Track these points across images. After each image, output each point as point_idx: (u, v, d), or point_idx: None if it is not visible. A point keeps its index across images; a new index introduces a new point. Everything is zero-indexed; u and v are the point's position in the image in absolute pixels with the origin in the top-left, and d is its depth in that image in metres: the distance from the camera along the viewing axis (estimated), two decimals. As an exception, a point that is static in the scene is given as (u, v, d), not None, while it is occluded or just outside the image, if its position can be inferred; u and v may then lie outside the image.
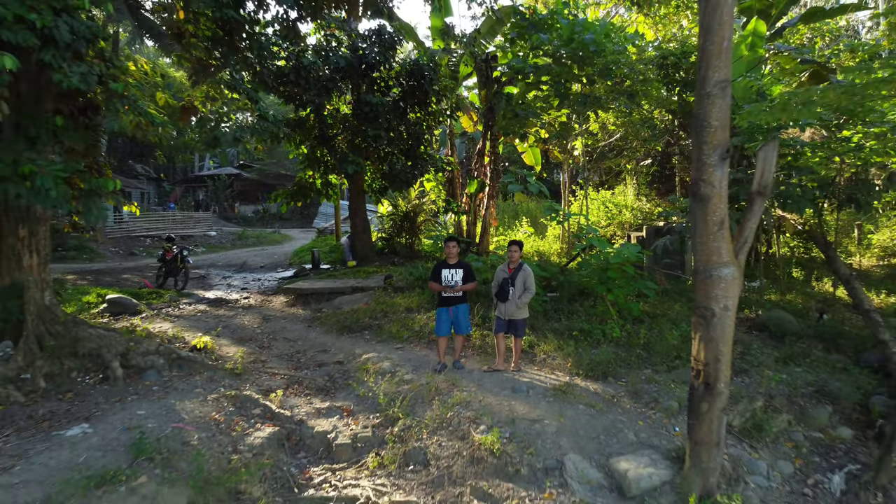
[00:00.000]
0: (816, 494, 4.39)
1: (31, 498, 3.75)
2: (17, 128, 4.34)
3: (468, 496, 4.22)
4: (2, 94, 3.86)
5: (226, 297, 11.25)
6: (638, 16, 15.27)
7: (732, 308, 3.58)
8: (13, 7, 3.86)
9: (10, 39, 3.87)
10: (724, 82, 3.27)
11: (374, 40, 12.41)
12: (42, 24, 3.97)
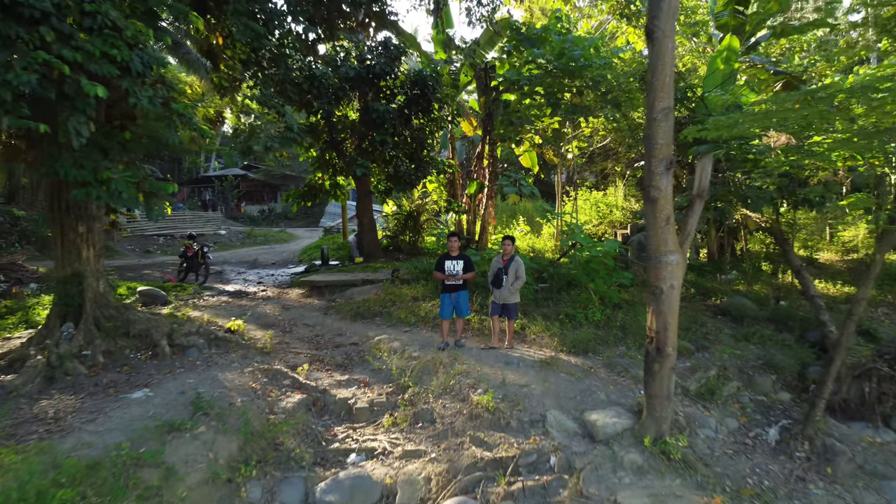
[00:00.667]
0: (755, 444, 5.29)
1: (117, 440, 4.65)
2: (95, 142, 5.23)
3: (468, 444, 5.12)
4: (91, 116, 4.75)
5: (245, 290, 12.16)
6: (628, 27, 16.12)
7: (677, 287, 4.48)
8: (99, 45, 4.75)
9: (98, 71, 4.76)
10: (667, 109, 4.17)
11: (381, 52, 13.29)
12: (121, 58, 4.87)
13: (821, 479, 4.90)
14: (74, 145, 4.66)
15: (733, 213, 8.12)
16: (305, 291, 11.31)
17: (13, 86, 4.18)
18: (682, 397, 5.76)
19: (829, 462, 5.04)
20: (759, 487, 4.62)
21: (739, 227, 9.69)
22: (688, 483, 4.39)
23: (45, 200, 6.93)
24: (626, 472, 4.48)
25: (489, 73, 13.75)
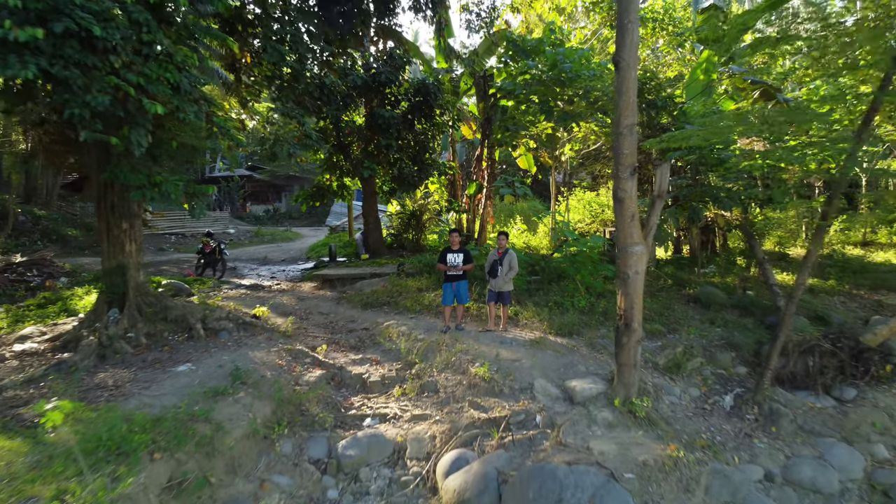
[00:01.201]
0: (713, 409, 6.16)
1: (173, 402, 5.51)
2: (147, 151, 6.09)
3: (467, 408, 5.99)
4: (149, 130, 5.60)
5: (260, 284, 13.02)
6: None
7: (641, 272, 5.34)
8: (156, 69, 5.61)
9: (154, 91, 5.62)
10: (631, 125, 5.03)
11: (386, 61, 14.14)
12: (173, 80, 5.73)
13: (766, 436, 5.77)
14: (136, 154, 5.53)
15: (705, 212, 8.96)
16: (318, 284, 12.18)
17: (91, 106, 5.05)
18: (652, 370, 6.62)
19: (773, 422, 5.91)
20: (711, 441, 5.49)
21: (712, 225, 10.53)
22: (650, 435, 5.26)
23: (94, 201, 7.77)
24: (599, 426, 5.35)
25: (487, 80, 14.60)
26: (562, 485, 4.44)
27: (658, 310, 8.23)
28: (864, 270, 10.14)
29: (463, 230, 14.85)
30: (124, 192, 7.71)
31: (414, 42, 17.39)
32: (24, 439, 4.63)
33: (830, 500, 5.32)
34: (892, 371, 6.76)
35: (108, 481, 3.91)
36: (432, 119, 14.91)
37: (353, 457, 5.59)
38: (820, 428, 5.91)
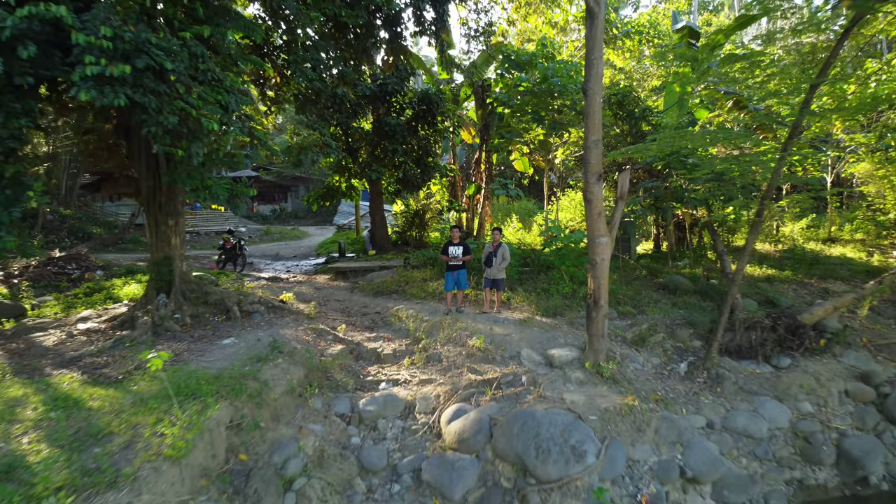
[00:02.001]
0: (670, 374, 7.35)
1: (225, 365, 6.69)
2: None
3: (465, 372, 7.18)
4: (205, 143, 6.77)
5: (279, 276, 14.21)
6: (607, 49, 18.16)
7: (607, 259, 6.53)
8: (210, 93, 6.79)
9: (208, 111, 6.79)
10: (597, 140, 6.21)
11: (393, 72, 15.31)
12: (223, 101, 6.91)
13: (711, 394, 6.97)
14: (195, 163, 6.72)
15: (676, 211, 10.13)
16: (332, 276, 13.38)
17: (163, 125, 6.24)
18: (622, 343, 7.82)
19: (718, 384, 7.11)
20: (665, 396, 6.68)
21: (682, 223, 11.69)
22: (613, 390, 6.45)
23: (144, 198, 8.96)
24: (572, 384, 6.54)
25: (485, 90, 15.78)
26: (539, 423, 5.64)
27: (631, 295, 9.42)
28: (817, 262, 11.32)
29: (463, 227, 16.02)
30: (171, 193, 8.92)
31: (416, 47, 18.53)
32: (116, 389, 5.84)
33: (760, 443, 6.53)
34: (825, 345, 7.97)
35: (193, 413, 5.10)
36: (434, 125, 16.08)
37: (371, 412, 6.78)
38: (757, 388, 7.11)
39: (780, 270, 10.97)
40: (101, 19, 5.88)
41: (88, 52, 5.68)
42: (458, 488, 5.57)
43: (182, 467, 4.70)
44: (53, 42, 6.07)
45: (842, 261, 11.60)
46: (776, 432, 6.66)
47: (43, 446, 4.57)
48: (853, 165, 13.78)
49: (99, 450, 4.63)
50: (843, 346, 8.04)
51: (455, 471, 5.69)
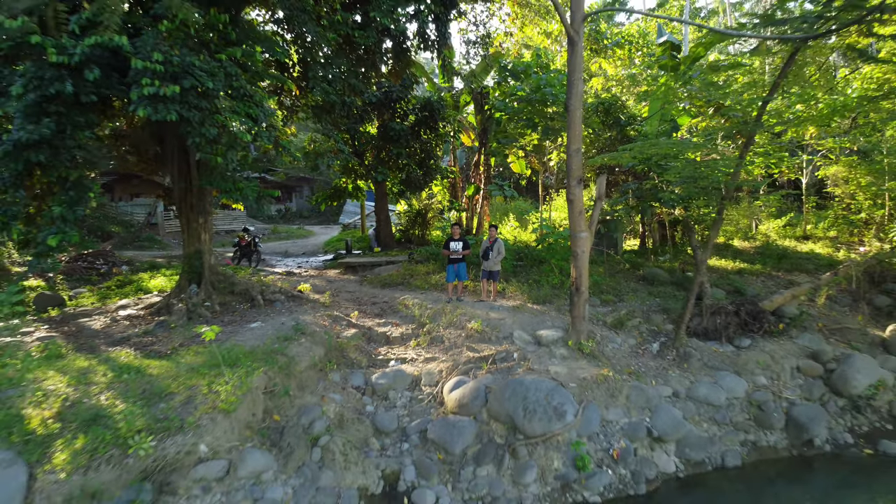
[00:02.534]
0: (643, 352, 8.33)
1: (257, 343, 7.67)
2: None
3: (465, 351, 8.16)
4: (239, 151, 7.75)
5: (292, 271, 15.20)
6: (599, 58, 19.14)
7: (587, 251, 7.51)
8: (243, 107, 7.78)
9: (241, 122, 7.78)
10: (578, 149, 7.18)
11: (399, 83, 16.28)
12: (254, 114, 7.90)
13: (678, 370, 7.95)
14: (230, 168, 7.71)
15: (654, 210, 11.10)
16: (341, 270, 14.37)
17: (205, 136, 7.22)
18: (602, 326, 8.81)
19: (685, 361, 8.09)
20: (637, 370, 7.67)
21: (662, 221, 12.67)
22: (591, 364, 7.44)
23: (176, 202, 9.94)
24: (556, 358, 7.53)
25: (484, 96, 16.76)
26: (527, 389, 6.63)
27: (613, 286, 10.40)
28: (786, 257, 12.29)
29: (463, 225, 17.01)
30: (201, 194, 9.91)
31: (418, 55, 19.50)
32: (168, 361, 6.83)
33: (719, 410, 7.52)
34: (783, 328, 8.96)
35: (241, 376, 6.10)
36: (436, 130, 17.05)
37: (383, 384, 7.76)
38: (719, 365, 8.10)
39: (751, 264, 11.95)
40: (151, 45, 6.87)
41: (144, 75, 6.67)
42: (459, 444, 6.56)
43: (232, 419, 5.70)
44: (111, 65, 7.06)
45: (810, 255, 12.58)
46: (734, 401, 7.65)
47: (118, 402, 5.56)
48: (826, 168, 14.76)
49: (164, 405, 5.63)
50: (799, 330, 9.03)
51: (456, 430, 6.68)
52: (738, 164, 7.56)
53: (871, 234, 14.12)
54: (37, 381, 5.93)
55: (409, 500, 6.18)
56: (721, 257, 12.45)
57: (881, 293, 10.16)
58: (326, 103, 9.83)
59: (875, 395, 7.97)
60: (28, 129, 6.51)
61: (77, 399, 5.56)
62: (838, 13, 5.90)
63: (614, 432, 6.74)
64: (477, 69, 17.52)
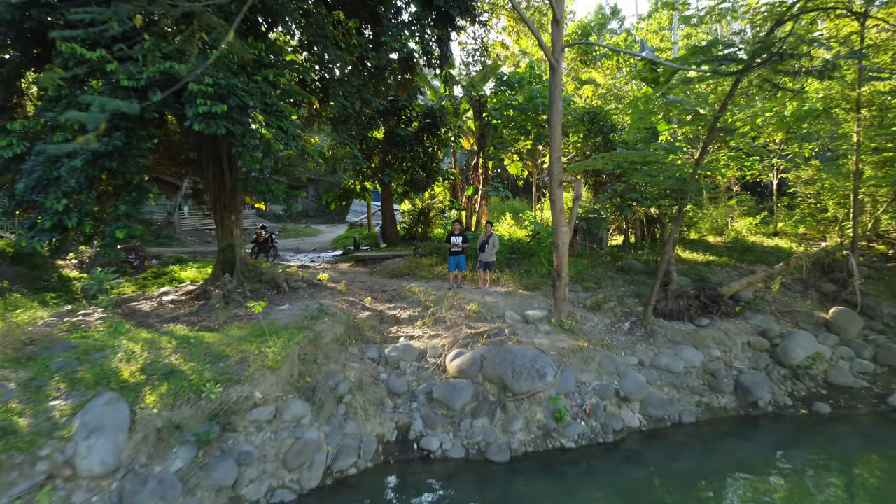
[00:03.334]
0: (616, 330, 9.66)
1: (287, 321, 9.00)
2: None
3: (464, 328, 9.49)
4: (273, 158, 9.06)
5: (306, 265, 16.53)
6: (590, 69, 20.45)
7: (566, 243, 8.84)
8: (276, 122, 9.09)
9: (273, 135, 9.10)
10: (558, 157, 8.50)
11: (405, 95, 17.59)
12: (285, 127, 9.22)
13: (645, 344, 9.28)
14: (266, 174, 9.03)
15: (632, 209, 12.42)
16: (352, 264, 15.70)
17: (247, 147, 8.55)
18: (582, 308, 10.14)
19: (651, 337, 9.42)
20: (609, 344, 9.00)
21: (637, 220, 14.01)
22: (570, 337, 8.77)
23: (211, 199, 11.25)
24: (540, 333, 8.87)
25: (482, 105, 18.09)
26: (515, 355, 7.97)
27: (594, 275, 11.74)
28: (750, 251, 13.62)
29: (462, 222, 18.34)
30: (233, 194, 11.23)
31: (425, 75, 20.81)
32: (219, 333, 8.17)
33: (678, 376, 8.85)
34: (739, 310, 10.28)
35: (284, 341, 7.44)
36: (438, 136, 18.39)
37: (394, 356, 9.08)
38: (680, 340, 9.43)
39: (719, 257, 13.28)
40: (202, 71, 8.19)
41: (198, 96, 7.99)
42: (458, 402, 7.89)
43: (277, 376, 7.04)
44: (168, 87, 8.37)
45: (773, 249, 13.90)
46: (691, 370, 8.99)
47: (186, 361, 6.90)
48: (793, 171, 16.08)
49: (222, 364, 6.96)
50: (753, 312, 10.36)
51: (456, 391, 8.01)
52: (694, 171, 8.88)
53: (836, 230, 15.45)
54: (116, 348, 7.26)
55: (419, 445, 7.52)
56: (693, 251, 13.79)
57: (829, 281, 11.49)
58: (342, 115, 11.15)
59: (812, 365, 9.31)
60: (104, 142, 7.84)
61: (153, 359, 6.90)
62: (752, 57, 7.26)
63: (587, 392, 8.08)
64: (475, 78, 18.82)
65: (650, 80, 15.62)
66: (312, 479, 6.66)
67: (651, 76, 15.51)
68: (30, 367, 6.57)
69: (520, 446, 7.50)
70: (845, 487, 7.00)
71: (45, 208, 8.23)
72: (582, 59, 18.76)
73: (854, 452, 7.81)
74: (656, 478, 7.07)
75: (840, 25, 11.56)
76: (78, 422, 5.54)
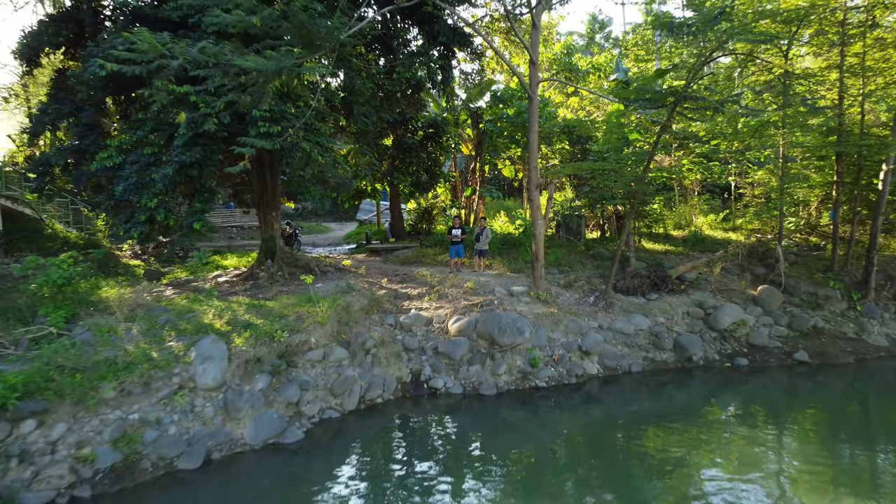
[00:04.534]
0: (583, 302, 12.00)
1: (324, 294, 11.33)
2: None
3: (462, 301, 11.83)
4: (314, 169, 11.37)
5: (327, 256, 18.88)
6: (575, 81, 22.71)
7: (542, 233, 11.18)
8: (315, 138, 11.41)
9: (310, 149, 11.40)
10: (535, 166, 10.83)
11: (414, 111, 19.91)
12: (322, 142, 11.53)
13: (605, 313, 11.63)
14: (306, 178, 11.36)
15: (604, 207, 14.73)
16: (367, 254, 18.05)
17: (294, 159, 10.88)
18: (557, 287, 12.48)
19: (610, 308, 11.76)
20: (576, 311, 11.35)
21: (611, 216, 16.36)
22: (544, 307, 11.12)
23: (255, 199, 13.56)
24: (522, 303, 11.22)
25: (478, 116, 20.40)
26: (500, 318, 10.32)
27: (569, 260, 14.09)
28: (703, 242, 15.97)
29: (462, 219, 20.68)
30: (274, 195, 13.56)
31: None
32: (274, 301, 10.50)
33: (629, 336, 11.19)
34: (684, 288, 12.62)
35: (328, 304, 9.79)
36: (440, 143, 20.70)
37: (407, 323, 11.41)
38: (633, 310, 11.78)
39: (676, 247, 15.63)
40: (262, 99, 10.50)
41: (259, 119, 10.32)
42: (458, 353, 10.23)
43: (324, 329, 9.39)
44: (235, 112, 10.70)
45: (724, 241, 16.24)
46: (640, 331, 11.33)
47: (257, 318, 9.24)
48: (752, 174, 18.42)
49: (283, 321, 9.31)
50: (695, 289, 12.70)
51: (456, 345, 10.35)
52: (640, 178, 11.21)
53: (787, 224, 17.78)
54: (203, 310, 9.61)
55: (428, 385, 9.88)
56: (656, 242, 16.15)
57: (761, 266, 13.84)
58: (363, 130, 13.50)
59: (736, 329, 11.66)
60: (188, 154, 10.18)
61: (233, 317, 9.24)
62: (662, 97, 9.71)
63: (556, 345, 10.43)
64: (472, 93, 21.15)
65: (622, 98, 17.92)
66: (351, 403, 9.01)
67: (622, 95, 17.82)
68: (144, 322, 8.94)
69: (504, 385, 9.85)
70: (758, 416, 9.38)
71: (139, 206, 10.59)
72: (566, 76, 21.05)
73: (764, 394, 10.15)
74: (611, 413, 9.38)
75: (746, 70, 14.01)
76: (194, 353, 7.90)
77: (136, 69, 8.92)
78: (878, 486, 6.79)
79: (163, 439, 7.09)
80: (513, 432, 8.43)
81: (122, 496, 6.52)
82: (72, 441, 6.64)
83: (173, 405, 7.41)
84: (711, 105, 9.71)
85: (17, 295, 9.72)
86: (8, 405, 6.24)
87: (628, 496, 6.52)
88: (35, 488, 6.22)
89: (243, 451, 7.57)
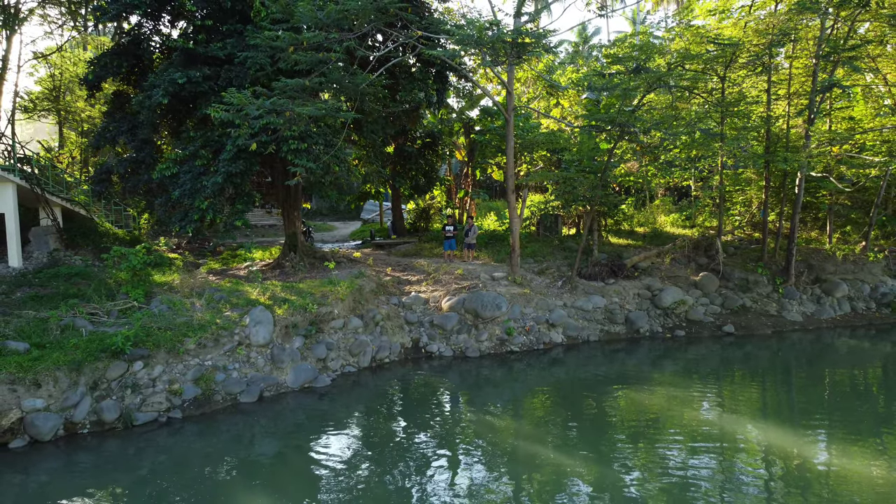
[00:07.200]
0: (552, 286, 14.37)
1: (342, 279, 13.67)
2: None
3: (453, 285, 14.19)
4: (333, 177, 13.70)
5: (336, 251, 21.22)
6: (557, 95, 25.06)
7: (518, 228, 13.54)
8: (337, 153, 13.74)
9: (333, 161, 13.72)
10: (512, 174, 13.16)
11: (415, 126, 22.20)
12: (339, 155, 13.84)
13: (570, 294, 14.00)
14: (327, 183, 13.68)
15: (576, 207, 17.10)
16: (373, 248, 20.41)
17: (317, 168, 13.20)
18: (532, 273, 14.85)
19: (575, 290, 14.14)
20: (546, 293, 13.72)
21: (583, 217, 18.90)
22: (520, 289, 13.49)
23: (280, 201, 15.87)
24: (501, 286, 13.59)
25: (470, 126, 22.71)
26: (484, 297, 12.69)
27: (544, 252, 16.45)
28: (659, 237, 18.35)
29: (455, 217, 23.04)
30: (296, 196, 15.87)
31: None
32: (302, 284, 12.84)
33: (588, 313, 13.56)
34: (637, 275, 14.99)
35: (348, 283, 12.14)
36: (437, 151, 23.02)
37: (409, 302, 13.75)
38: (593, 292, 14.15)
39: (637, 241, 18.02)
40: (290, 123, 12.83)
41: (290, 138, 12.64)
42: (449, 325, 12.59)
43: (344, 304, 11.74)
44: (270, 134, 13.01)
45: (678, 236, 18.63)
46: (597, 309, 13.70)
47: (290, 295, 11.57)
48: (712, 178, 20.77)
49: (311, 297, 11.64)
50: (647, 276, 15.07)
51: (448, 318, 12.71)
52: (603, 183, 13.57)
53: (728, 221, 20.15)
54: (240, 291, 11.92)
55: (425, 349, 12.25)
56: (620, 237, 18.55)
57: (704, 256, 16.23)
58: (370, 142, 15.84)
59: (677, 307, 14.05)
60: (233, 166, 12.49)
61: (272, 295, 11.58)
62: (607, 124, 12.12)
63: (528, 319, 12.80)
64: (464, 106, 23.47)
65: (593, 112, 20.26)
66: (364, 362, 11.38)
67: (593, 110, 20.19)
68: (204, 298, 11.28)
69: (486, 349, 12.23)
70: (692, 375, 11.76)
71: (193, 207, 12.92)
72: (547, 91, 23.38)
73: (695, 358, 12.51)
74: (572, 372, 11.71)
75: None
76: (248, 319, 10.25)
77: (227, 115, 11.32)
78: (794, 418, 9.22)
79: (229, 380, 9.44)
80: (492, 386, 10.77)
81: (203, 418, 8.87)
82: (166, 378, 8.98)
83: (235, 356, 9.76)
84: (643, 129, 12.10)
85: (106, 277, 12.06)
86: (126, 349, 8.57)
87: (587, 434, 8.80)
88: (144, 410, 8.56)
89: (286, 391, 9.93)
